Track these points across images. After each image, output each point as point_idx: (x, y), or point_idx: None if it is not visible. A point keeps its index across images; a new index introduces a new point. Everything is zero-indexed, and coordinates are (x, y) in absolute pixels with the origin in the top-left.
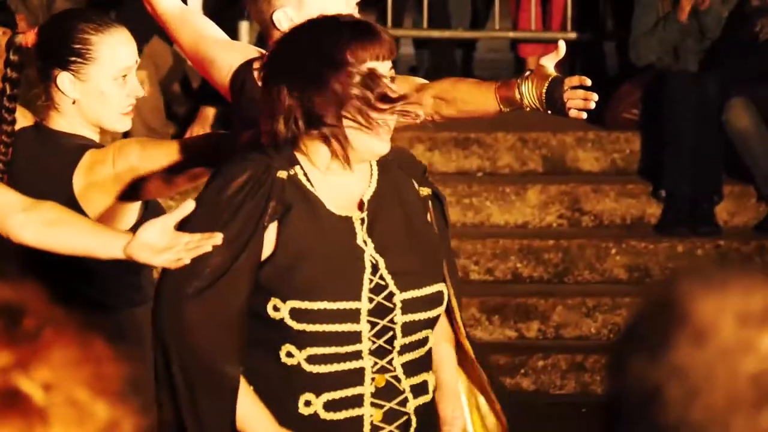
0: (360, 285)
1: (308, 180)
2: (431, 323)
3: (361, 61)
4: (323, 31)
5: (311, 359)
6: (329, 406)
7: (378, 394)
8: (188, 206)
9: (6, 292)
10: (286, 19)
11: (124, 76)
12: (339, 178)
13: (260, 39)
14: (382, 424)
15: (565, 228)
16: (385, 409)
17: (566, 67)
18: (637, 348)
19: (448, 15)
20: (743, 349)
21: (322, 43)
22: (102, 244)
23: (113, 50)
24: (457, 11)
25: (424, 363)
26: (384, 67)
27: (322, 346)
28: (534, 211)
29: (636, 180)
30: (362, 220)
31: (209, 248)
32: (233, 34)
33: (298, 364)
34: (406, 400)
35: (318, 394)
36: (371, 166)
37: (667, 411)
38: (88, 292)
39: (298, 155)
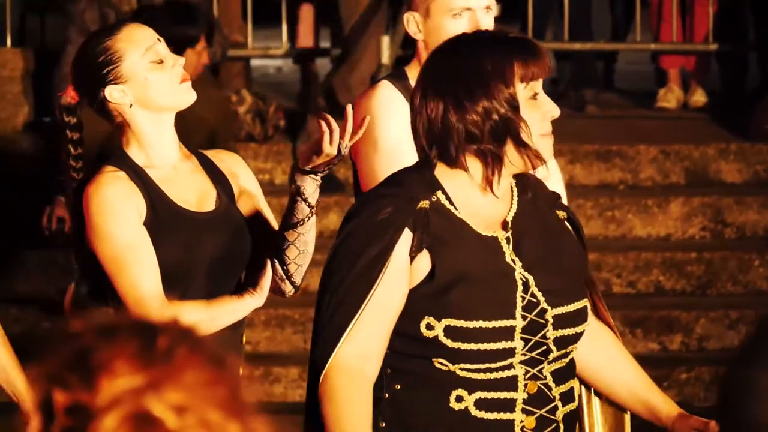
0: (513, 303)
1: (452, 203)
2: (578, 337)
3: (525, 80)
4: (489, 47)
5: (464, 369)
6: (480, 404)
7: (530, 400)
8: None
9: None
10: (413, 22)
11: (161, 60)
12: (481, 198)
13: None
14: None
15: (708, 240)
16: (537, 416)
17: (708, 78)
18: (746, 351)
19: (590, 27)
20: None
21: (489, 59)
22: None
23: (130, 40)
24: (598, 23)
25: (571, 370)
26: (539, 86)
27: (476, 362)
28: (676, 224)
29: None
30: (508, 239)
31: None
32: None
33: (450, 371)
34: (555, 408)
35: (470, 392)
36: (512, 186)
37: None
38: None
39: (440, 177)
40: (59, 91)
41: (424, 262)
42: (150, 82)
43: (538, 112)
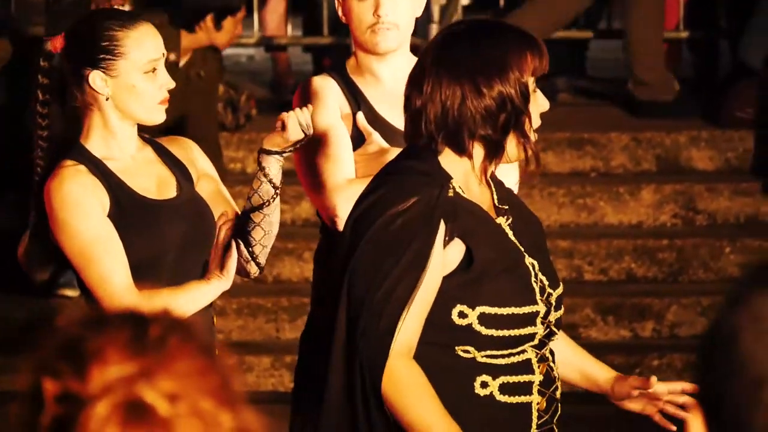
0: (533, 288)
1: (463, 191)
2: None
3: (535, 73)
4: (503, 36)
5: (487, 356)
6: (504, 389)
7: (543, 382)
8: None
9: None
10: (338, 6)
11: (154, 69)
12: (477, 186)
13: None
14: (544, 414)
15: (680, 227)
16: (547, 396)
17: (679, 65)
18: (726, 301)
19: None
20: None
21: (508, 48)
22: None
23: (140, 44)
24: None
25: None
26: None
27: (502, 348)
28: (648, 211)
29: (750, 178)
30: (509, 225)
31: None
32: None
33: (473, 358)
34: (557, 387)
35: (495, 377)
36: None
37: (739, 350)
38: None
39: (444, 164)
40: None
41: (455, 250)
42: (135, 90)
43: (536, 105)
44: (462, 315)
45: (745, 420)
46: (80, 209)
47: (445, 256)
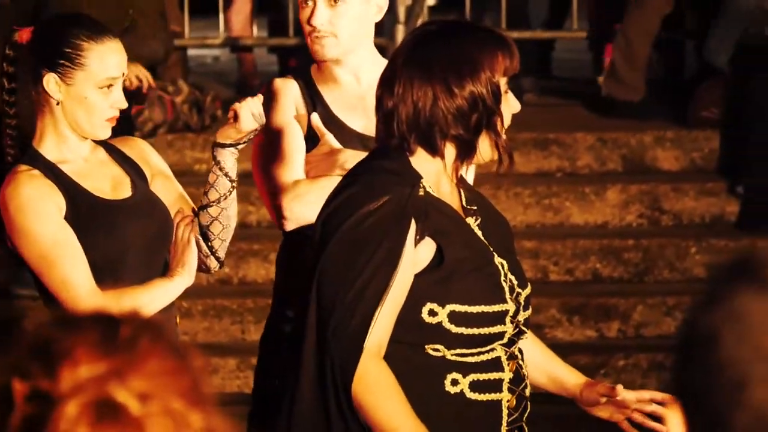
0: (502, 287)
1: (433, 190)
2: None
3: (507, 73)
4: (474, 36)
5: (457, 354)
6: (474, 386)
7: (513, 380)
8: None
9: None
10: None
11: (110, 86)
12: (447, 185)
13: None
14: (514, 411)
15: (645, 227)
16: (516, 394)
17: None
18: (703, 299)
19: (527, 16)
20: None
21: (478, 48)
22: None
23: (102, 59)
24: (536, 11)
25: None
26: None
27: (471, 347)
28: (614, 211)
29: (715, 178)
30: (478, 225)
31: None
32: None
33: (443, 356)
34: (526, 385)
35: (465, 375)
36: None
37: (720, 350)
38: None
39: (415, 164)
40: None
41: (425, 249)
42: (86, 102)
43: (507, 106)
44: (432, 313)
45: (726, 421)
46: (38, 214)
47: (416, 254)
